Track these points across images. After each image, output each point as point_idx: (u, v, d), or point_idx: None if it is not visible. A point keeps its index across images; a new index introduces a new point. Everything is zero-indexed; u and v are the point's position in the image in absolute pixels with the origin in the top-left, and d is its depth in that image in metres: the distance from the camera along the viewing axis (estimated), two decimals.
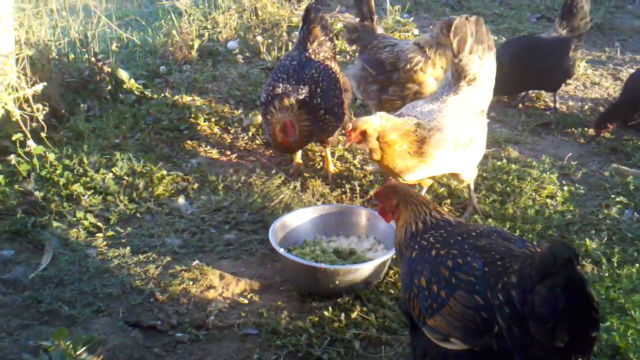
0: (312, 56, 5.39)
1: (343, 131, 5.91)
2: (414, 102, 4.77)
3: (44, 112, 5.41)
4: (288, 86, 5.12)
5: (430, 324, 2.80)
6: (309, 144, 5.63)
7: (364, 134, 4.33)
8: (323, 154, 5.60)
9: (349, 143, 4.43)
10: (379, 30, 6.15)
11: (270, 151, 5.81)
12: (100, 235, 4.59)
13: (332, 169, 5.46)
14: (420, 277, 2.91)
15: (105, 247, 4.46)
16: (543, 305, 2.36)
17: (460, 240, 2.94)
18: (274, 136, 5.06)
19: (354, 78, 5.91)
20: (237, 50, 7.76)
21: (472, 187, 4.91)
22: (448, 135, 4.41)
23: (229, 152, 5.81)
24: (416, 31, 8.76)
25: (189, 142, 5.87)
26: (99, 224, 4.69)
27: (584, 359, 2.52)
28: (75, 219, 4.70)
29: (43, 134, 5.35)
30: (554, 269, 2.35)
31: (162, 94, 6.52)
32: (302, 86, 5.12)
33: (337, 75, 5.43)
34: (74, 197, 4.93)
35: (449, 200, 5.09)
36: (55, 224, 4.61)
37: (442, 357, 2.80)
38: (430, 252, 2.96)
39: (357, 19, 6.17)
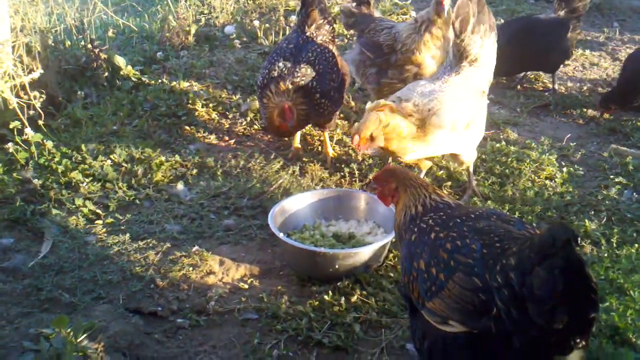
0: (310, 39, 5.36)
1: (341, 115, 5.94)
2: (415, 82, 4.74)
3: (41, 99, 5.38)
4: (284, 69, 5.09)
5: (429, 306, 2.80)
6: (307, 128, 5.62)
7: (372, 138, 4.28)
8: (322, 138, 5.59)
9: (362, 150, 4.37)
10: (376, 14, 6.11)
11: (269, 136, 5.79)
12: (100, 222, 4.59)
13: (330, 152, 5.46)
14: (420, 260, 2.91)
15: (105, 234, 4.46)
16: (542, 287, 2.36)
17: (460, 223, 2.94)
18: (271, 120, 5.05)
19: (353, 62, 5.88)
20: (235, 35, 7.72)
21: (471, 169, 4.90)
22: (448, 114, 4.39)
23: (227, 138, 5.79)
24: (414, 14, 8.71)
25: (187, 128, 5.85)
26: (98, 211, 4.69)
27: (582, 340, 2.52)
28: (74, 206, 4.70)
29: (41, 122, 5.34)
30: (553, 250, 2.34)
31: (160, 80, 6.49)
32: (297, 69, 5.10)
33: (335, 59, 5.39)
34: (73, 184, 4.93)
35: (448, 183, 5.08)
36: (54, 211, 4.61)
37: (441, 339, 2.80)
38: (430, 235, 2.96)
39: (354, 3, 6.12)
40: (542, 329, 2.43)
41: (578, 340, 2.50)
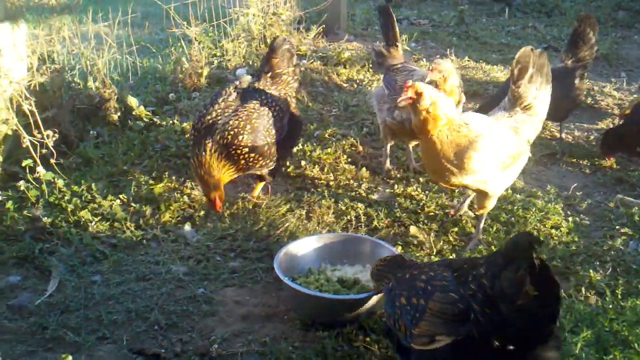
0: (262, 87, 5.19)
1: (349, 159, 5.97)
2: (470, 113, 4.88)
3: (54, 138, 5.46)
4: (218, 117, 4.96)
5: (416, 332, 3.05)
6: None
7: (419, 95, 4.32)
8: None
9: (403, 100, 4.37)
10: (405, 57, 6.40)
11: (277, 180, 5.85)
12: (107, 261, 4.62)
13: (256, 194, 5.47)
14: (401, 298, 3.22)
15: (111, 274, 4.49)
16: (511, 286, 2.72)
17: (430, 264, 3.37)
18: (203, 183, 4.99)
19: (375, 97, 6.07)
20: None
21: (483, 219, 4.92)
22: (491, 145, 4.47)
23: (234, 180, 5.83)
24: (424, 60, 8.85)
25: None
26: (105, 250, 4.73)
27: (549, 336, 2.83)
28: (82, 245, 4.74)
29: (52, 160, 5.40)
30: (517, 254, 2.69)
31: (171, 121, 6.59)
32: (231, 121, 4.92)
33: (282, 113, 5.16)
34: (82, 223, 4.98)
35: (455, 229, 5.10)
36: (62, 250, 4.66)
37: (431, 357, 3.04)
38: (405, 276, 3.34)
39: (384, 44, 6.42)
40: (516, 325, 2.75)
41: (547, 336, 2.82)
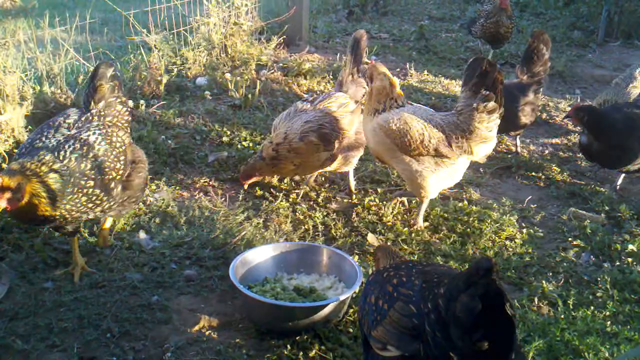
0: (95, 118, 4.45)
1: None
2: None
3: (7, 143, 5.36)
4: (47, 154, 4.04)
5: (374, 335, 3.06)
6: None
7: (373, 68, 5.17)
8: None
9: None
10: None
11: (235, 188, 5.82)
12: (59, 268, 4.53)
13: (78, 268, 4.53)
14: (372, 295, 3.23)
15: (63, 281, 4.40)
16: (463, 310, 2.62)
17: (410, 267, 3.30)
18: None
19: None
20: (205, 87, 7.80)
21: (422, 205, 5.33)
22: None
23: (192, 188, 5.80)
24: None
25: (152, 176, 5.84)
26: (57, 257, 4.64)
27: None
28: (33, 251, 4.64)
29: (5, 165, 5.29)
30: (475, 279, 2.60)
31: None
32: (64, 158, 4.08)
33: (122, 145, 4.48)
34: (33, 228, 4.87)
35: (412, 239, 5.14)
36: (12, 255, 4.56)
37: None
38: (383, 275, 3.32)
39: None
40: (463, 354, 2.67)
41: None
